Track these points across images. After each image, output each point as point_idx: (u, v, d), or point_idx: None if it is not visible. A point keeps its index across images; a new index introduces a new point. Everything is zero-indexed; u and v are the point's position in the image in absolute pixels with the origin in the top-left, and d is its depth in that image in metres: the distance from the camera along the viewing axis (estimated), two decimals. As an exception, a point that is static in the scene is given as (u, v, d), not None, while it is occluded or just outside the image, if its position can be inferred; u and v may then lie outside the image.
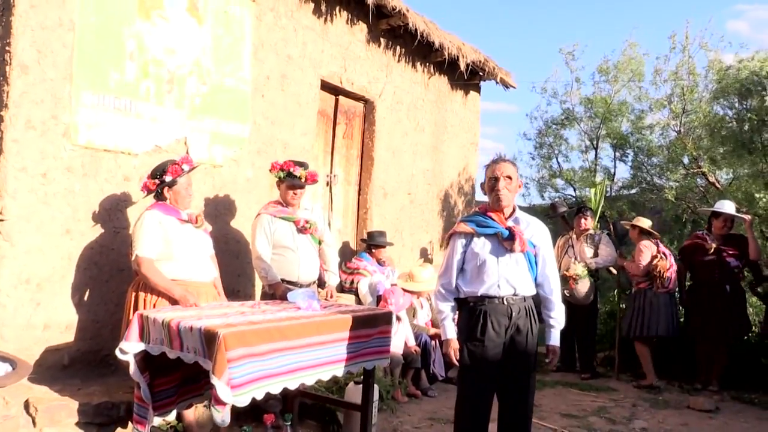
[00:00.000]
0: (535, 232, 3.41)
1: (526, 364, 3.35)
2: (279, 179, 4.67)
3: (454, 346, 3.41)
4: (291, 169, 4.60)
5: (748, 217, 5.97)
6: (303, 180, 4.63)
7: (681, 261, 6.29)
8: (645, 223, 6.29)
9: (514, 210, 3.42)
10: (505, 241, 3.32)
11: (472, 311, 3.38)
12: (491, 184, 3.38)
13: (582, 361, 6.63)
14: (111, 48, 4.29)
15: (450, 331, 3.44)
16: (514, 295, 3.34)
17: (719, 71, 9.11)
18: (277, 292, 4.43)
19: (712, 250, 5.96)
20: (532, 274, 3.39)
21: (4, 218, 3.76)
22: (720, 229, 6.03)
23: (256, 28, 5.37)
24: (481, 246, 3.37)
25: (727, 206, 6.09)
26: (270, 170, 4.74)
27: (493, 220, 3.37)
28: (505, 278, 3.33)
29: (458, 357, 3.40)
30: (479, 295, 3.34)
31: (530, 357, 3.36)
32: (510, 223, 3.36)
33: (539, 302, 3.47)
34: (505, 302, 3.33)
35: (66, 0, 4.02)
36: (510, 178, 3.36)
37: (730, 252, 5.95)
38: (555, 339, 3.46)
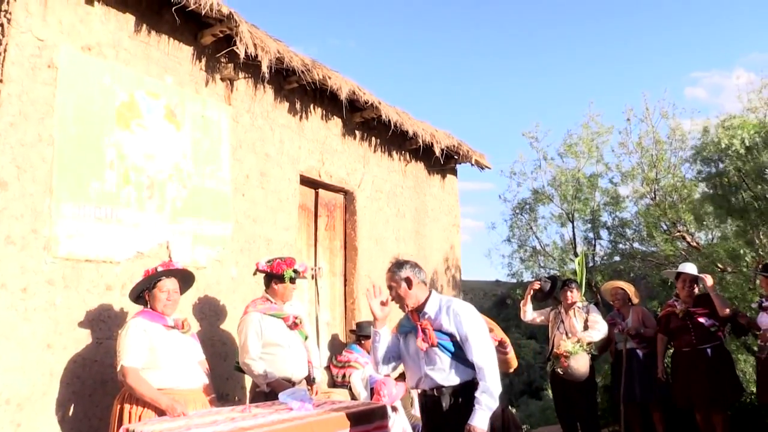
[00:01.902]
0: (450, 320, 3.36)
1: None
2: (290, 278, 4.65)
3: None
4: (296, 266, 4.67)
5: (706, 277, 5.97)
6: (301, 275, 4.70)
7: (660, 331, 6.25)
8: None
9: (423, 304, 3.46)
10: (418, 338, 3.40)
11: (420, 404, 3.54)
12: None
13: (586, 439, 6.43)
14: (91, 158, 4.34)
15: None
16: (440, 387, 3.34)
17: (704, 133, 9.40)
18: (277, 390, 4.30)
19: (681, 315, 5.95)
20: (457, 361, 3.33)
21: (-17, 338, 3.66)
22: (682, 291, 6.06)
23: (233, 129, 5.49)
24: (405, 345, 3.53)
25: (689, 268, 6.15)
26: (275, 270, 4.68)
27: (410, 319, 3.52)
28: (425, 373, 3.39)
29: None
30: (416, 389, 3.45)
31: None
32: (421, 319, 3.42)
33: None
34: (436, 394, 3.36)
35: (45, 116, 4.10)
36: (390, 288, 3.54)
37: (701, 312, 5.91)
38: (475, 419, 3.19)
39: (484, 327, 3.43)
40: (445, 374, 3.35)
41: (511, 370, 3.96)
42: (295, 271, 4.65)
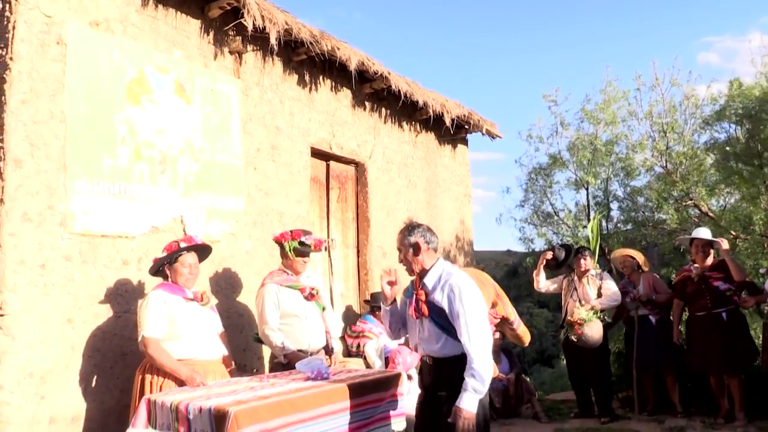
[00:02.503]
0: (443, 295, 3.24)
1: (446, 426, 3.13)
2: (293, 249, 4.67)
3: None
4: (302, 238, 4.66)
5: (721, 241, 5.96)
6: (312, 248, 4.67)
7: (676, 296, 6.26)
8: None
9: (425, 273, 3.36)
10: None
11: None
12: None
13: (599, 405, 6.49)
14: (102, 135, 4.36)
15: None
16: (430, 356, 3.33)
17: (718, 94, 9.28)
18: (293, 362, 4.36)
19: (696, 278, 5.96)
20: (447, 335, 3.23)
21: (5, 313, 3.72)
22: (696, 256, 6.06)
23: (243, 103, 5.48)
24: (407, 309, 3.45)
25: (702, 233, 6.13)
26: (280, 240, 4.73)
27: (413, 284, 3.45)
28: (420, 339, 3.38)
29: None
30: (416, 352, 3.47)
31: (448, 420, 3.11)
32: (420, 288, 3.35)
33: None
34: (429, 361, 3.36)
35: (56, 93, 4.11)
36: (400, 249, 3.44)
37: (716, 276, 5.91)
38: (462, 401, 3.07)
39: (479, 306, 3.23)
40: (435, 346, 3.29)
41: (526, 344, 3.90)
42: (301, 243, 4.64)
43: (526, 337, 3.71)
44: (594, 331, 6.15)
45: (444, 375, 3.25)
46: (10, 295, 3.75)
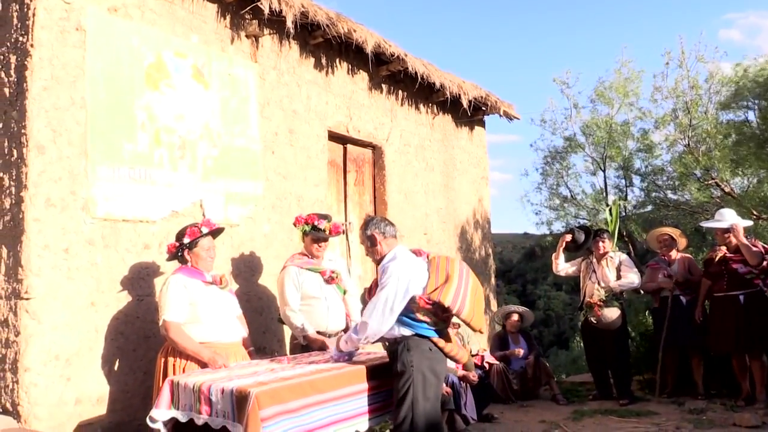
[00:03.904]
0: (381, 276, 3.60)
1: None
2: (304, 233, 4.70)
3: None
4: (315, 222, 4.65)
5: (735, 227, 5.87)
6: (327, 233, 4.68)
7: (704, 275, 6.22)
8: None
9: (382, 260, 3.70)
10: None
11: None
12: None
13: (618, 387, 6.49)
14: (122, 121, 4.40)
15: None
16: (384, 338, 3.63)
17: (736, 76, 9.12)
18: (314, 345, 4.41)
19: (717, 259, 5.91)
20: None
21: (30, 296, 3.80)
22: (720, 239, 6.02)
23: (260, 86, 5.49)
24: None
25: (727, 215, 6.06)
26: (294, 224, 4.78)
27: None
28: None
29: None
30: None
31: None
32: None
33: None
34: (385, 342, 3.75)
35: (77, 80, 4.15)
36: (362, 244, 3.87)
37: (736, 259, 5.86)
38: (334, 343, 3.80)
39: (394, 282, 3.49)
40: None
41: (476, 330, 3.85)
42: (314, 227, 4.65)
43: (476, 324, 3.73)
44: (613, 312, 6.14)
45: (391, 354, 3.61)
46: (35, 279, 3.82)
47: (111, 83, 4.35)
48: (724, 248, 5.99)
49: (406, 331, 3.54)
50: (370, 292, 3.76)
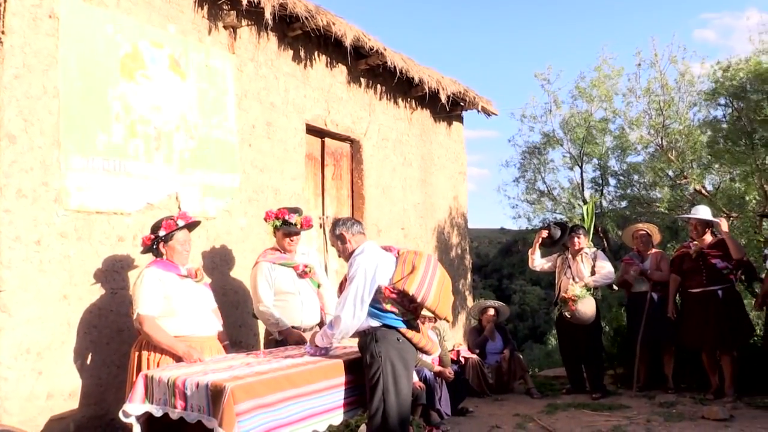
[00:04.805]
0: (349, 270, 3.73)
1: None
2: (275, 227, 4.67)
3: None
4: (286, 217, 4.61)
5: (720, 221, 6.01)
6: (298, 227, 4.65)
7: (673, 272, 6.32)
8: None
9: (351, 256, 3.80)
10: None
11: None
12: None
13: (591, 381, 6.58)
14: (96, 110, 4.33)
15: None
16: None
17: (714, 75, 9.26)
18: (289, 339, 4.40)
19: (695, 255, 6.01)
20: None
21: (1, 289, 3.73)
22: (692, 233, 6.13)
23: (238, 78, 5.44)
24: None
25: (702, 211, 6.17)
26: (265, 219, 4.75)
27: None
28: None
29: None
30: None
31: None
32: None
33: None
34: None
35: (49, 68, 4.07)
36: (333, 244, 4.00)
37: (714, 254, 5.96)
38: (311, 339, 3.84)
39: (360, 274, 3.58)
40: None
41: (441, 317, 3.92)
42: (285, 222, 4.62)
43: (441, 312, 3.80)
44: (587, 307, 6.21)
45: (360, 346, 3.68)
46: (6, 271, 3.75)
47: (85, 72, 4.27)
48: (697, 244, 6.09)
49: (374, 323, 3.61)
50: (341, 288, 3.86)
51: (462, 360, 6.52)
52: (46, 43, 4.07)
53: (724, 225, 5.92)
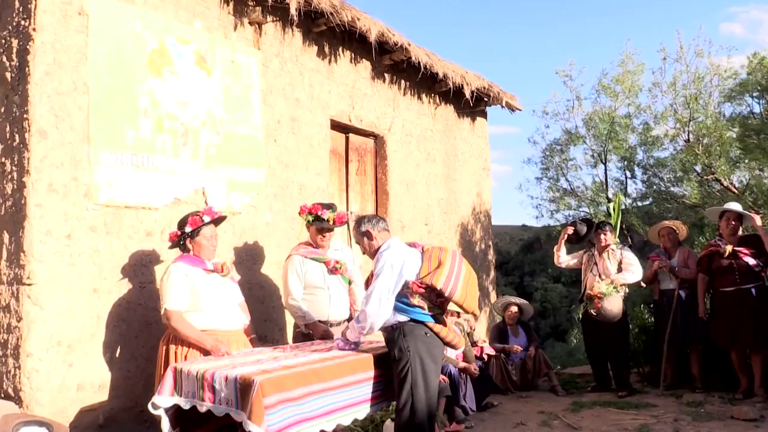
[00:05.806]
0: (375, 266, 3.73)
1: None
2: (308, 222, 4.68)
3: None
4: (319, 213, 4.61)
5: (754, 215, 5.90)
6: (331, 223, 4.65)
7: (701, 272, 6.20)
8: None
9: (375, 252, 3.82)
10: None
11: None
12: None
13: (617, 379, 6.51)
14: (125, 107, 4.37)
15: None
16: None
17: (749, 66, 9.08)
18: (315, 332, 4.41)
19: (727, 253, 5.90)
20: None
21: (33, 282, 3.79)
22: (725, 229, 5.99)
23: (263, 74, 5.46)
24: None
25: (733, 206, 6.06)
26: (299, 213, 4.76)
27: None
28: None
29: None
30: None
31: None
32: None
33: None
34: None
35: (79, 64, 4.12)
36: (359, 242, 4.00)
37: (746, 252, 5.86)
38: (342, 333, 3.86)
39: (388, 269, 3.59)
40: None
41: (468, 312, 3.95)
42: (317, 217, 4.61)
43: (469, 306, 3.80)
44: (613, 305, 6.15)
45: (388, 341, 3.69)
46: (37, 264, 3.81)
47: (114, 69, 4.32)
48: (725, 241, 5.97)
49: (402, 317, 3.61)
50: (366, 284, 3.86)
51: (485, 357, 6.49)
52: (76, 40, 4.12)
53: (758, 220, 5.81)
